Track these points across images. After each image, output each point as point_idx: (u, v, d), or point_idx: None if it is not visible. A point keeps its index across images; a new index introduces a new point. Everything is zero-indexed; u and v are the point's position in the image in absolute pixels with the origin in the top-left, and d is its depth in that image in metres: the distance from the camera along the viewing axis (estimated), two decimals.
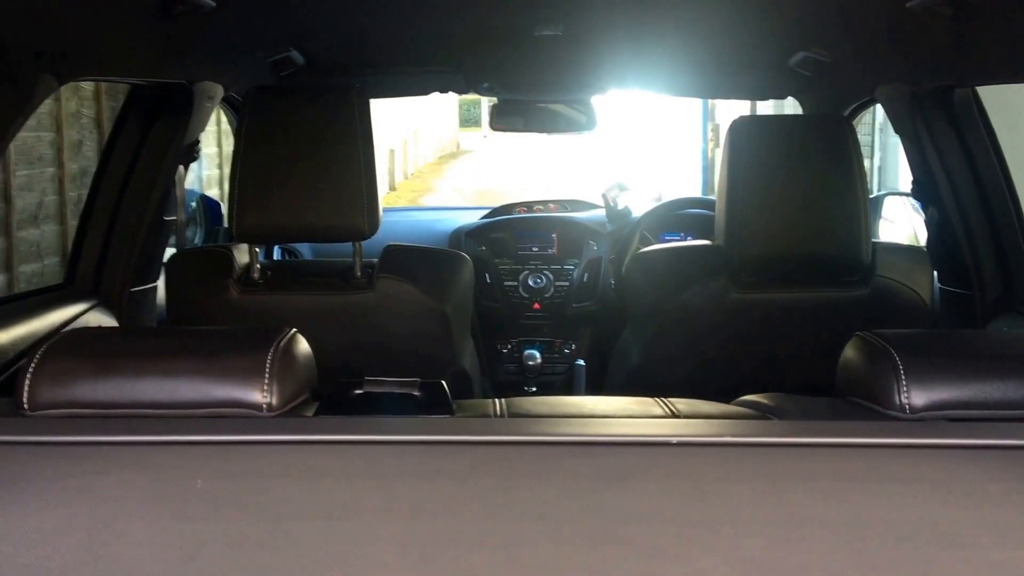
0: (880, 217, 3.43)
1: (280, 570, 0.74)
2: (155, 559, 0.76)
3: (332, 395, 1.23)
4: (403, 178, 18.77)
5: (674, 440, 0.98)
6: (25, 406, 1.10)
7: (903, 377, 1.14)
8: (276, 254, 3.16)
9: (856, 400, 1.22)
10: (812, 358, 1.70)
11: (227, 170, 6.82)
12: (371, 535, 0.80)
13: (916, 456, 1.00)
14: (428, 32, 2.58)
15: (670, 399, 1.31)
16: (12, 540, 0.78)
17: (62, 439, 1.01)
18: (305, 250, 3.34)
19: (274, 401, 1.11)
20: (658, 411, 1.26)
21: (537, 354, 3.31)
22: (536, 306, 3.34)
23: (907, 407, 1.13)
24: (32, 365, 1.12)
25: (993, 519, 0.84)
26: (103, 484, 0.90)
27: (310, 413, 1.19)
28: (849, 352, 1.27)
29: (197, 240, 3.00)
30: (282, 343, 1.16)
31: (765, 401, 1.32)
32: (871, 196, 3.54)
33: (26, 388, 1.10)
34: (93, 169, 4.71)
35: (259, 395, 1.10)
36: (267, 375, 1.11)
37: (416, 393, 1.22)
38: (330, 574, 0.74)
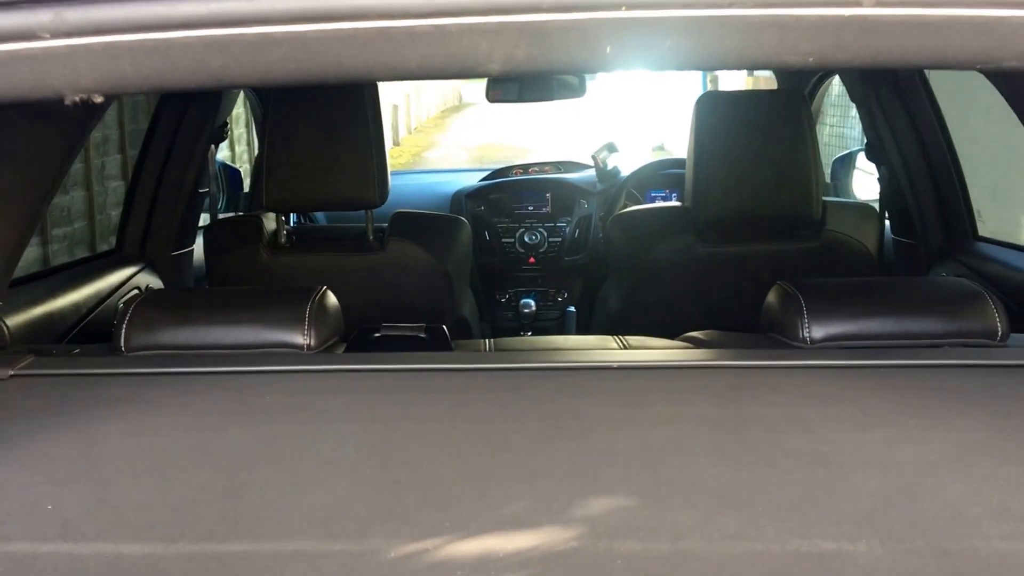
0: (855, 168, 3.71)
1: (324, 459, 1.06)
2: (230, 455, 1.08)
3: (356, 337, 1.55)
4: (407, 133, 18.95)
5: (615, 365, 1.30)
6: (122, 348, 1.42)
7: (806, 316, 1.45)
8: (292, 220, 3.48)
9: (772, 335, 1.53)
10: None
11: (235, 151, 7.10)
12: (389, 435, 1.12)
13: (811, 375, 1.32)
14: None
15: (626, 336, 1.63)
16: (122, 440, 1.10)
17: (152, 371, 1.33)
18: (320, 216, 3.65)
19: (312, 342, 1.43)
20: (612, 345, 1.58)
21: (532, 303, 3.63)
22: (531, 260, 3.65)
23: (808, 339, 1.44)
24: (126, 317, 1.44)
25: (871, 434, 1.14)
26: (185, 402, 1.22)
27: (340, 351, 1.51)
28: (770, 297, 1.58)
29: (220, 205, 3.31)
30: (317, 297, 1.48)
31: (701, 336, 1.63)
32: (843, 153, 3.83)
33: (122, 334, 1.42)
34: (114, 137, 5.00)
35: (300, 337, 1.43)
36: (306, 322, 1.43)
37: (423, 335, 1.54)
38: (363, 460, 1.06)
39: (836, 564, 0.82)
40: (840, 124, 5.68)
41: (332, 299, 1.54)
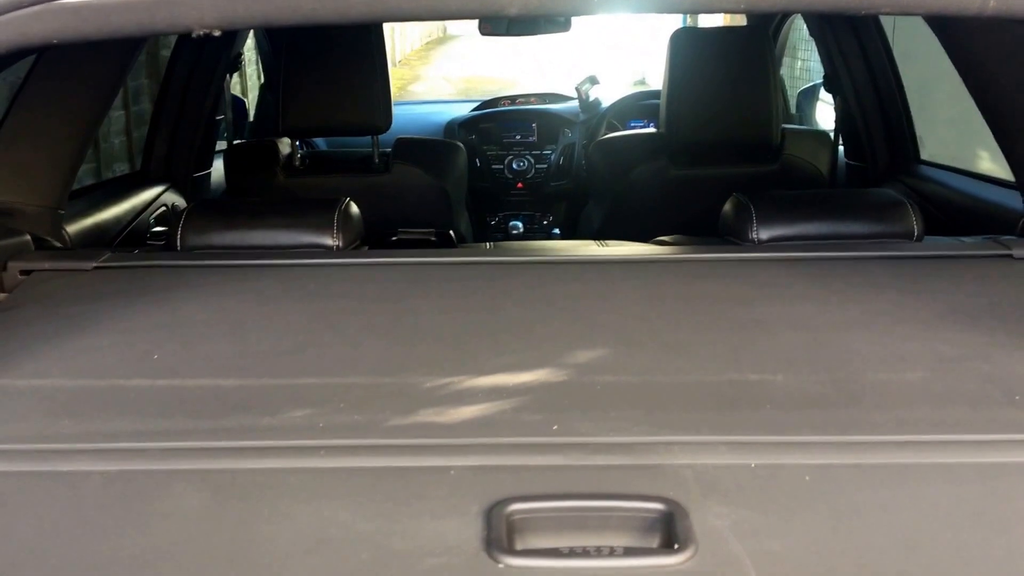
0: (818, 100, 3.99)
1: (362, 325, 1.34)
2: (287, 322, 1.35)
3: (376, 240, 1.83)
4: (392, 66, 18.88)
5: (595, 259, 1.60)
6: (178, 247, 1.70)
7: (754, 221, 1.74)
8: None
9: (728, 238, 1.82)
10: None
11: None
12: (412, 308, 1.41)
13: (756, 266, 1.61)
14: None
15: (607, 241, 1.92)
16: (199, 313, 1.38)
17: (211, 263, 1.61)
18: (320, 143, 3.89)
19: (340, 243, 1.71)
20: (594, 248, 1.87)
21: (520, 225, 3.91)
22: (519, 185, 3.92)
23: (756, 240, 1.73)
24: (181, 222, 1.71)
25: (798, 305, 1.43)
26: (243, 286, 1.50)
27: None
28: (726, 207, 1.87)
29: (226, 131, 3.54)
30: (343, 207, 1.76)
31: (668, 240, 1.93)
32: (807, 86, 4.09)
33: (178, 236, 1.70)
34: (146, 86, 5.13)
35: (330, 239, 1.71)
36: (335, 226, 1.71)
37: (432, 238, 1.83)
38: (393, 325, 1.35)
39: (759, 388, 1.12)
40: (810, 59, 5.92)
41: (355, 208, 1.82)
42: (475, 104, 4.26)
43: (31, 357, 1.18)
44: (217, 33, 0.99)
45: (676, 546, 0.78)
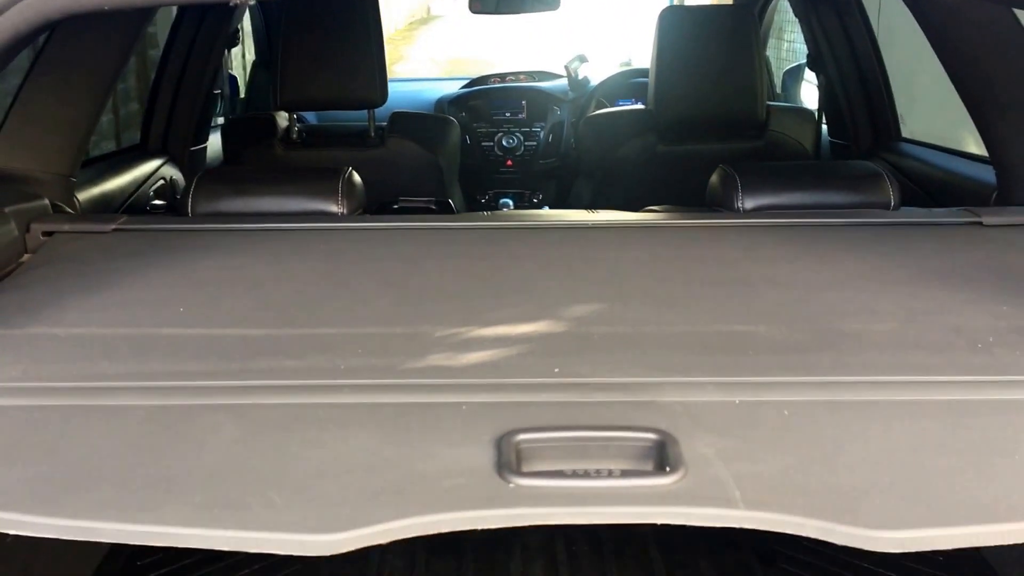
0: (803, 80, 4.07)
1: (371, 282, 1.42)
2: (300, 279, 1.42)
3: (378, 208, 1.91)
4: None
5: (588, 224, 1.68)
6: (189, 212, 1.76)
7: (740, 190, 1.83)
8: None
9: (714, 207, 1.91)
10: None
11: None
12: (416, 267, 1.48)
13: (740, 232, 1.70)
14: None
15: (598, 211, 2.00)
16: (217, 271, 1.45)
17: (222, 227, 1.68)
18: (310, 117, 3.94)
19: (344, 210, 1.78)
20: (587, 215, 1.95)
21: (510, 202, 3.98)
22: (509, 163, 3.99)
23: (741, 208, 1.82)
24: (191, 189, 1.78)
25: (780, 266, 1.52)
26: (255, 248, 1.57)
27: None
28: (713, 178, 1.95)
29: (222, 106, 3.59)
30: (346, 175, 1.83)
31: (658, 209, 2.01)
32: (792, 66, 4.17)
33: (189, 202, 1.77)
34: (131, 63, 5.12)
35: (335, 206, 1.78)
36: (339, 193, 1.78)
37: (432, 206, 1.90)
38: (399, 282, 1.42)
39: (743, 337, 1.21)
40: (796, 40, 6.01)
41: (357, 177, 1.89)
42: (465, 82, 4.32)
43: (63, 309, 1.25)
44: (252, 1, 1.06)
45: (667, 469, 0.86)
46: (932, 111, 3.28)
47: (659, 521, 0.81)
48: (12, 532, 0.78)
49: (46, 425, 0.95)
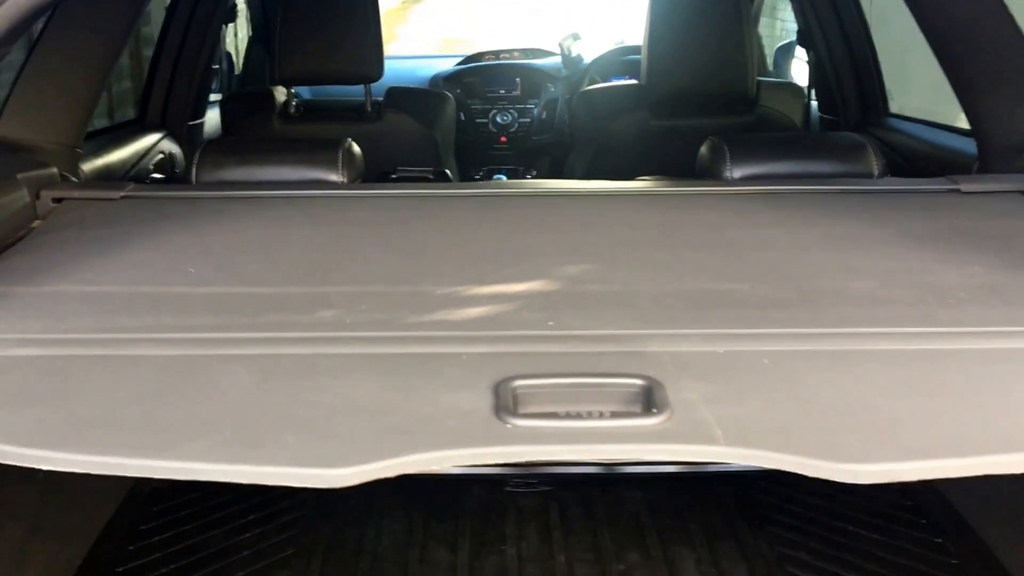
0: (794, 57, 4.12)
1: (375, 244, 1.47)
2: (306, 242, 1.48)
3: (378, 177, 1.96)
4: None
5: (583, 192, 1.74)
6: (193, 181, 1.81)
7: (728, 160, 1.88)
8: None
9: (704, 176, 1.96)
10: None
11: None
12: (416, 230, 1.53)
13: (729, 199, 1.75)
14: None
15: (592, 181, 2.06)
16: (225, 234, 1.50)
17: (228, 194, 1.73)
18: (304, 93, 3.97)
19: (345, 179, 1.83)
20: (581, 184, 2.01)
21: (504, 178, 4.03)
22: (503, 139, 4.03)
23: (730, 178, 1.88)
24: (195, 160, 1.83)
25: (765, 230, 1.57)
26: (261, 214, 1.62)
27: None
28: (702, 149, 2.00)
29: (220, 81, 3.62)
30: (346, 145, 1.88)
31: (649, 178, 2.07)
32: (784, 43, 4.22)
33: (194, 172, 1.82)
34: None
35: (336, 175, 1.83)
36: (340, 163, 1.83)
37: (430, 176, 1.95)
38: (402, 244, 1.47)
39: (728, 294, 1.27)
40: (789, 19, 6.05)
41: (357, 148, 1.94)
42: (459, 59, 4.35)
43: (77, 270, 1.31)
44: None
45: (654, 411, 0.92)
46: (924, 90, 3.33)
47: (646, 457, 0.87)
48: (43, 468, 0.83)
49: (68, 373, 1.01)
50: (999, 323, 1.13)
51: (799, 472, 0.85)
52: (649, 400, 0.95)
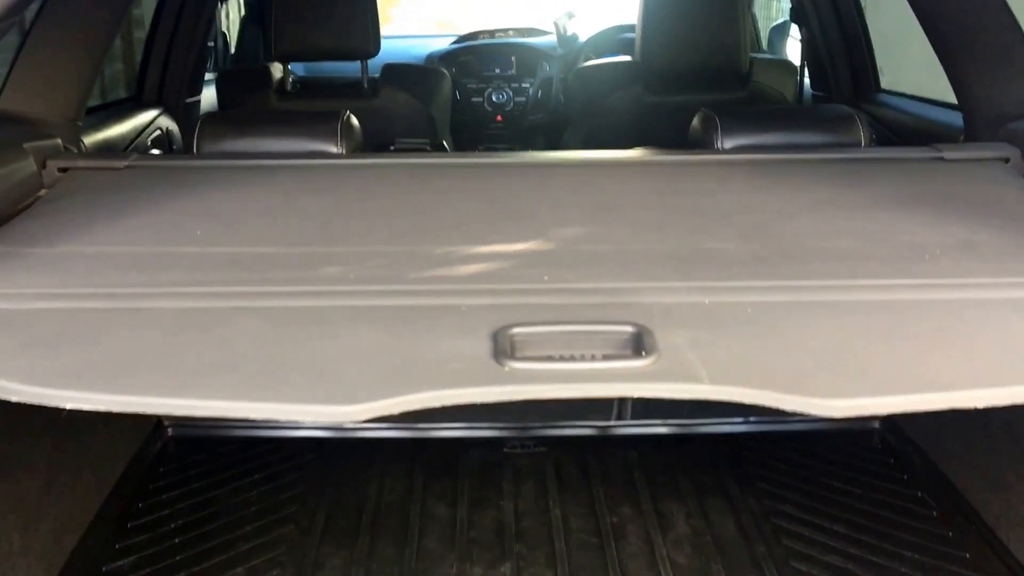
0: (788, 36, 4.15)
1: (374, 210, 1.51)
2: (309, 208, 1.51)
3: (375, 149, 1.99)
4: None
5: (577, 161, 1.78)
6: (195, 151, 1.85)
7: (719, 131, 1.92)
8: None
9: (696, 147, 2.00)
10: None
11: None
12: (415, 197, 1.57)
13: (719, 168, 1.79)
14: None
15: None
16: (229, 202, 1.53)
17: (229, 163, 1.76)
18: (298, 69, 3.99)
19: (344, 151, 1.87)
20: (576, 154, 2.05)
21: None
22: (499, 118, 4.06)
23: (720, 148, 1.91)
24: (196, 131, 1.86)
25: (753, 196, 1.61)
26: (263, 183, 1.65)
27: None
28: (694, 121, 2.04)
29: (215, 59, 3.64)
30: (345, 118, 1.91)
31: (643, 150, 2.10)
32: (779, 22, 4.24)
33: (195, 142, 1.85)
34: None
35: (334, 146, 1.86)
36: (338, 134, 1.87)
37: (427, 147, 1.98)
38: (404, 210, 1.51)
39: (714, 252, 1.32)
40: (786, 3, 6.09)
41: (355, 120, 1.97)
42: (454, 38, 4.37)
43: (87, 232, 1.34)
44: None
45: (643, 354, 0.97)
46: (918, 67, 3.37)
47: (636, 395, 0.91)
48: (68, 406, 0.87)
49: (86, 324, 1.05)
50: (971, 275, 1.18)
51: (776, 406, 0.89)
52: (638, 345, 0.99)
